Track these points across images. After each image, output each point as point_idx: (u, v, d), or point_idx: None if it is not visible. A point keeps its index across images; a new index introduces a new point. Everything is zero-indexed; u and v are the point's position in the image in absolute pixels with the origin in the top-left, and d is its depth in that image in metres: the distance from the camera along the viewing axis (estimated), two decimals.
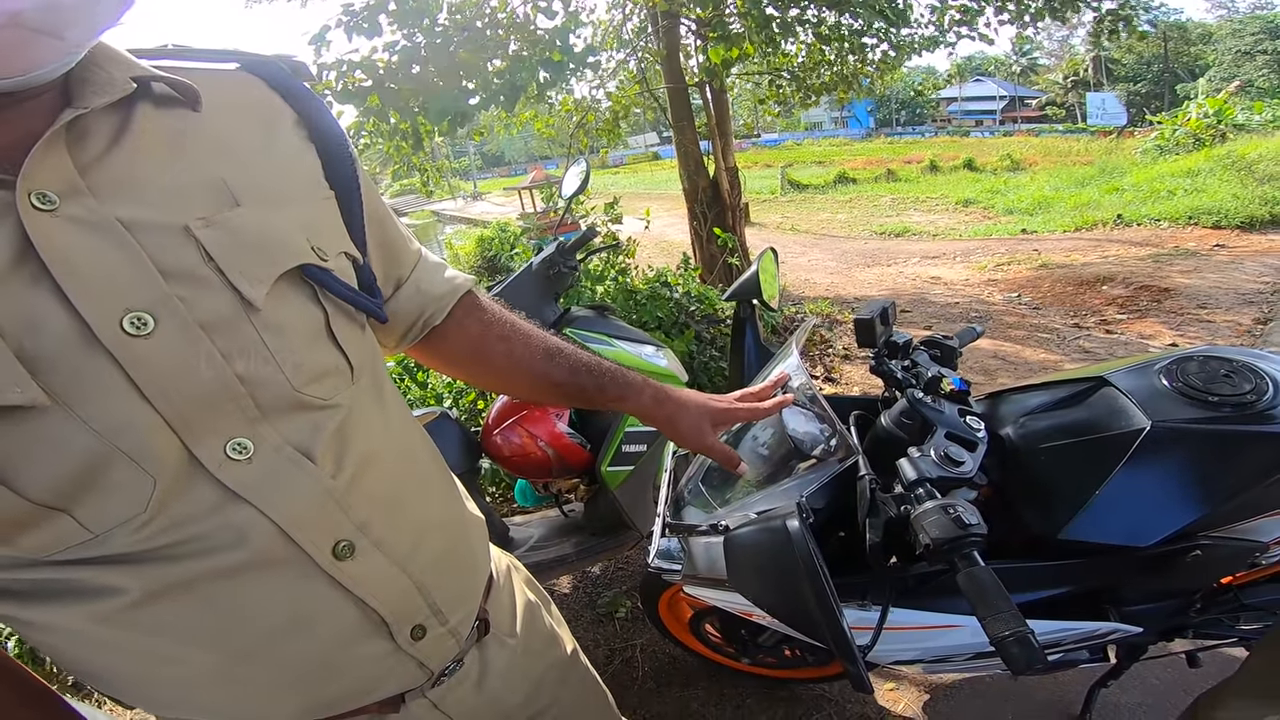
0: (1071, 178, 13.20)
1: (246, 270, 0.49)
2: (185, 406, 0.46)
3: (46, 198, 0.42)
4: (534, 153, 44.64)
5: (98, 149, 0.46)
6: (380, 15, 3.69)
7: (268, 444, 0.50)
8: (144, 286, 0.45)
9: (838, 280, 7.00)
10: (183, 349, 0.46)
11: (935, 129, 41.48)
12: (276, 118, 0.59)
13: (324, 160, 0.60)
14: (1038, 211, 10.31)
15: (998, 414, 1.13)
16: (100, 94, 0.46)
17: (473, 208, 24.45)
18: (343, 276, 0.57)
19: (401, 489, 0.62)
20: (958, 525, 0.71)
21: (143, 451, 0.44)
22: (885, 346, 1.10)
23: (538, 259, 1.87)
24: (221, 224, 0.49)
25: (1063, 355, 3.96)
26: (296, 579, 0.52)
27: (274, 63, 0.61)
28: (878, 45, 6.23)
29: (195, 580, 0.48)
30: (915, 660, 1.13)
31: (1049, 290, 5.44)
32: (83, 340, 0.42)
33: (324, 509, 0.53)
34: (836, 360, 4.05)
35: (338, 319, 0.56)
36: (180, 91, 0.52)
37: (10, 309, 0.41)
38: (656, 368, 1.85)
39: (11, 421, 0.41)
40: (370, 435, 0.58)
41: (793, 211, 14.11)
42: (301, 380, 0.52)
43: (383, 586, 0.57)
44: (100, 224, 0.44)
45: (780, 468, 0.99)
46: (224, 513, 0.48)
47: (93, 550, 0.46)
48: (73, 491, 0.43)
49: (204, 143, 0.52)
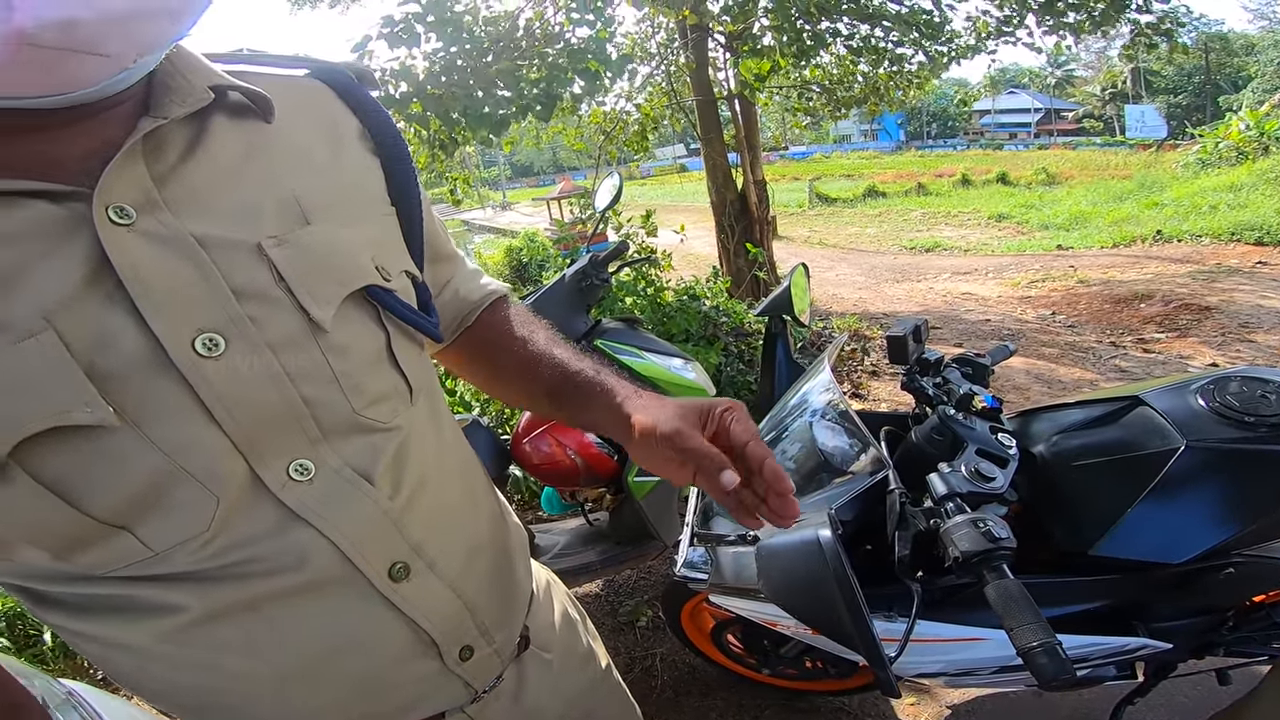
0: (1109, 192, 12.96)
1: (315, 291, 0.49)
2: (251, 428, 0.46)
3: (123, 211, 0.42)
4: (562, 163, 45.16)
5: (172, 160, 0.46)
6: (418, 26, 3.79)
7: (328, 465, 0.50)
8: (217, 307, 0.44)
9: (866, 295, 6.94)
10: (252, 371, 0.45)
11: (968, 142, 40.97)
12: (343, 129, 0.58)
13: (387, 174, 0.60)
14: (1074, 227, 10.13)
15: (1030, 431, 1.13)
16: (179, 104, 0.46)
17: (501, 217, 24.78)
18: (404, 296, 0.57)
19: (454, 509, 0.62)
20: (988, 539, 0.73)
21: (208, 472, 0.44)
22: (917, 364, 1.11)
23: (570, 271, 1.90)
24: (292, 243, 0.48)
25: (1098, 374, 3.88)
26: (353, 600, 0.52)
27: (341, 70, 0.61)
28: (912, 57, 6.19)
29: (256, 600, 0.48)
30: (939, 673, 1.13)
31: (1085, 308, 5.33)
32: (154, 360, 0.42)
33: (382, 531, 0.53)
34: (864, 376, 4.02)
35: (399, 340, 0.56)
36: (254, 101, 0.51)
37: (83, 326, 0.40)
38: (684, 380, 1.87)
39: (79, 440, 0.40)
40: (426, 456, 0.58)
41: (821, 225, 14.05)
42: (362, 403, 0.52)
43: (435, 608, 0.57)
44: (175, 240, 0.43)
45: (810, 480, 1.01)
46: (286, 534, 0.48)
47: (154, 568, 0.45)
48: (136, 510, 0.43)
49: (275, 156, 0.51)
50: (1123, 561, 0.94)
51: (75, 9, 0.34)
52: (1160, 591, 1.00)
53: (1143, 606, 1.03)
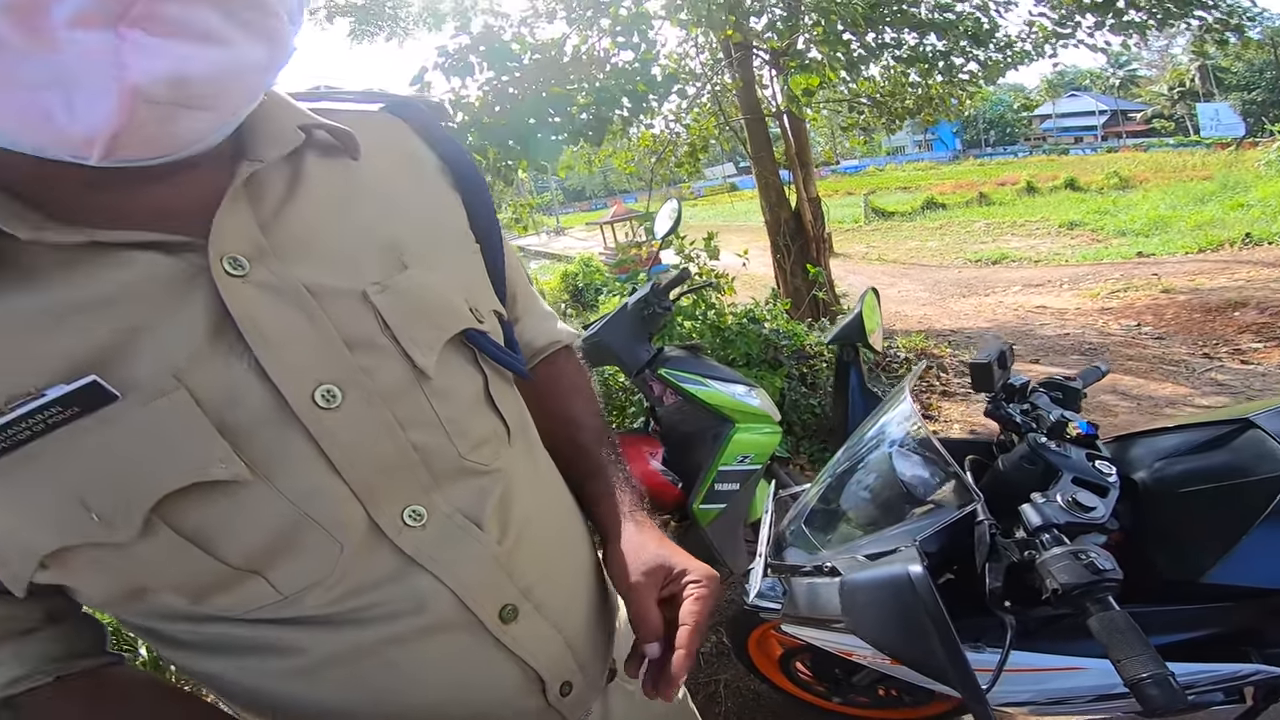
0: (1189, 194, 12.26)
1: (417, 338, 0.49)
2: (369, 476, 0.46)
3: (237, 262, 0.42)
4: (613, 186, 45.86)
5: (273, 204, 0.46)
6: (471, 56, 3.92)
7: (440, 511, 0.51)
8: (332, 358, 0.45)
9: (931, 312, 6.73)
10: (367, 420, 0.46)
11: (1029, 148, 39.49)
12: (424, 165, 0.58)
13: (468, 209, 0.60)
14: (1154, 232, 9.61)
15: (1129, 457, 1.07)
16: (274, 146, 0.46)
17: (556, 243, 25.29)
18: (495, 336, 0.57)
19: (555, 547, 0.63)
20: (1091, 570, 0.71)
21: (332, 519, 0.45)
22: (1003, 390, 1.07)
23: (632, 299, 1.93)
24: (393, 289, 0.49)
25: (1193, 388, 3.63)
26: (467, 642, 0.53)
27: (415, 104, 0.61)
28: (965, 64, 6.03)
29: (377, 643, 0.49)
30: (1029, 702, 1.09)
31: (1173, 318, 5.02)
32: (279, 413, 0.43)
33: (492, 575, 0.54)
34: (935, 397, 3.88)
35: (495, 381, 0.56)
36: (340, 139, 0.51)
37: (212, 382, 0.41)
38: (750, 407, 1.85)
39: (215, 493, 0.41)
40: (527, 496, 0.59)
41: (878, 240, 13.77)
42: (467, 447, 0.52)
43: (542, 647, 0.58)
44: (288, 290, 0.44)
45: (890, 512, 0.98)
46: (404, 579, 0.49)
47: (282, 611, 0.47)
48: (267, 556, 0.44)
49: (367, 196, 0.52)
50: (1237, 589, 0.90)
51: (186, 65, 0.35)
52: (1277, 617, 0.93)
53: (1256, 632, 0.97)
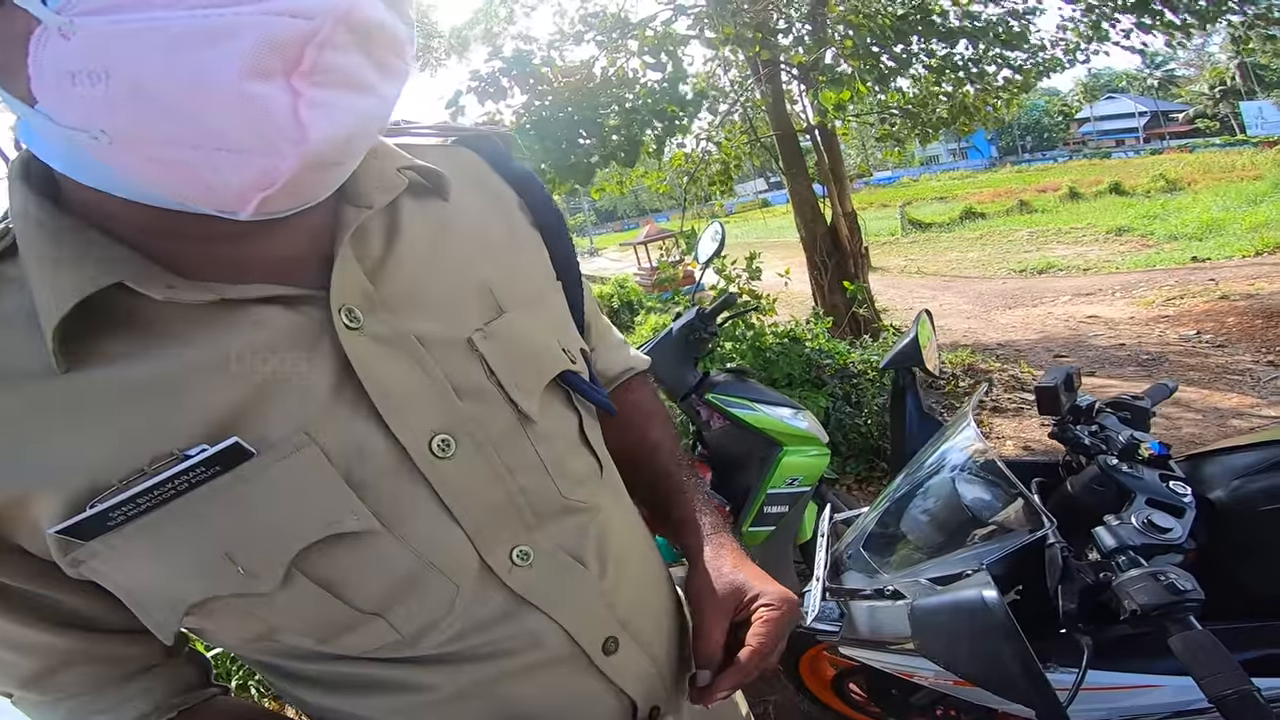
0: (1241, 195, 11.80)
1: (520, 383, 0.50)
2: (480, 520, 0.48)
3: (353, 315, 0.43)
4: (644, 206, 46.17)
5: (377, 252, 0.47)
6: (504, 80, 4.00)
7: (543, 550, 0.52)
8: (445, 408, 0.46)
9: (976, 325, 6.57)
10: (479, 468, 0.47)
11: (1069, 153, 38.54)
12: (506, 203, 0.58)
13: (549, 245, 0.60)
14: (1207, 235, 9.26)
15: (1203, 476, 1.05)
16: (379, 190, 0.46)
17: (590, 264, 25.54)
18: (584, 375, 0.57)
19: (646, 579, 0.64)
20: (1171, 591, 0.71)
21: (449, 564, 0.47)
22: (1069, 412, 1.07)
23: (678, 325, 1.95)
24: (494, 335, 0.50)
25: (1259, 398, 3.47)
26: (574, 674, 0.55)
27: (489, 137, 0.60)
28: (998, 72, 5.93)
29: (493, 680, 0.51)
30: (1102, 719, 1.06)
31: (1234, 325, 4.81)
32: (400, 464, 0.44)
33: (597, 609, 0.55)
34: (986, 413, 3.79)
35: (588, 420, 0.57)
36: (429, 180, 0.51)
37: (339, 437, 0.42)
38: (797, 430, 1.85)
39: (346, 544, 0.43)
40: (620, 530, 0.60)
41: (917, 253, 13.56)
42: (567, 486, 0.53)
43: (638, 676, 0.59)
44: (401, 342, 0.45)
45: (953, 537, 0.98)
46: (516, 617, 0.50)
47: (402, 651, 0.48)
48: (389, 600, 0.45)
49: (460, 238, 0.52)
50: None
51: (350, 121, 0.35)
52: None
53: None
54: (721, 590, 0.63)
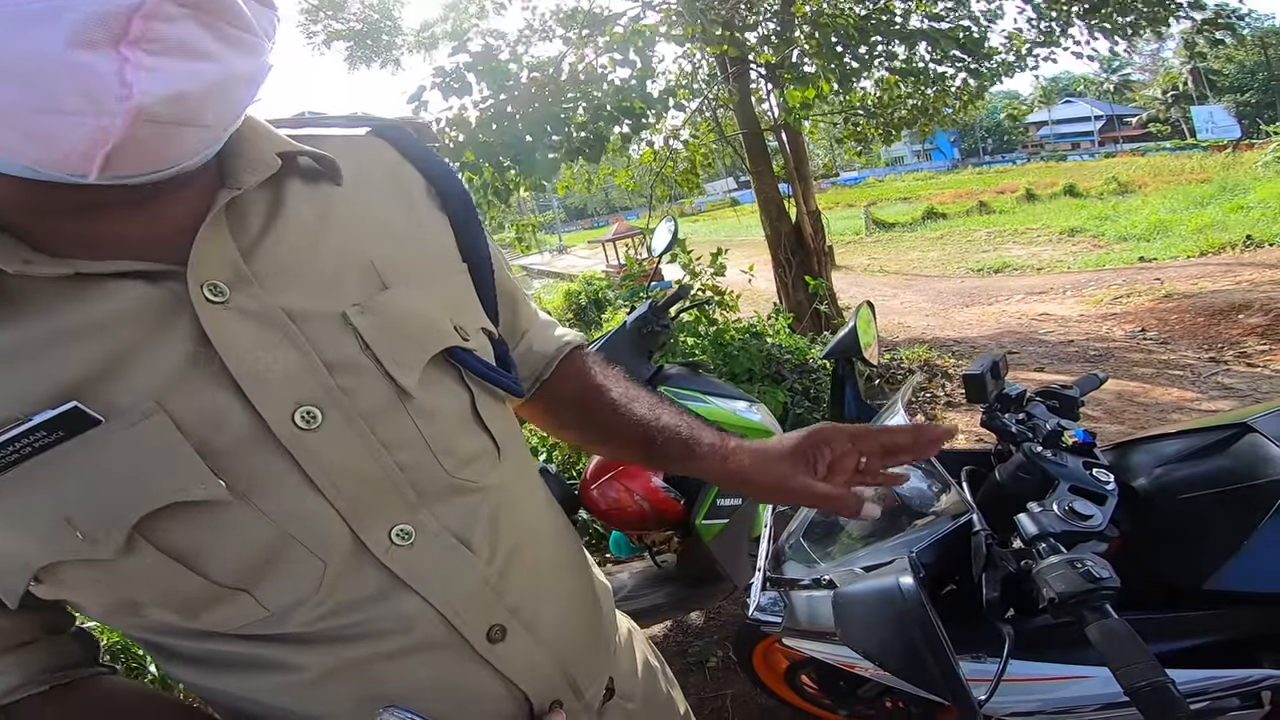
0: (1188, 198, 12.28)
1: (399, 357, 0.50)
2: (353, 495, 0.47)
3: (217, 289, 0.43)
4: (614, 204, 46.11)
5: (255, 231, 0.47)
6: (469, 75, 3.96)
7: (428, 530, 0.51)
8: (312, 380, 0.46)
9: (934, 322, 6.72)
10: (349, 441, 0.47)
11: (1027, 155, 39.65)
12: (411, 187, 0.59)
13: (455, 229, 0.61)
14: (1155, 236, 9.62)
15: (1128, 464, 1.07)
16: (252, 172, 0.47)
17: (559, 261, 25.39)
18: (482, 354, 0.57)
19: (547, 567, 0.63)
20: (1087, 579, 0.71)
21: (314, 538, 0.46)
22: (997, 400, 1.07)
23: (632, 318, 1.94)
24: (374, 309, 0.49)
25: (1199, 393, 3.60)
26: (453, 661, 0.54)
27: (402, 127, 0.61)
28: (955, 75, 6.09)
29: (367, 660, 0.50)
30: (1036, 712, 1.08)
31: (1177, 322, 5.00)
32: (259, 435, 0.44)
33: (481, 596, 0.54)
34: (939, 408, 3.87)
35: (482, 399, 0.56)
36: (322, 165, 0.52)
37: (192, 406, 0.42)
38: (750, 423, 1.86)
39: (197, 513, 0.43)
40: (519, 515, 0.59)
41: (880, 252, 13.81)
42: (454, 465, 0.53)
43: (530, 667, 0.58)
44: (268, 315, 0.45)
45: (889, 525, 0.98)
46: (391, 598, 0.50)
47: (272, 628, 0.48)
48: (253, 574, 0.45)
49: (349, 220, 0.52)
50: (1240, 595, 0.89)
51: (183, 82, 0.36)
52: None
53: (1266, 637, 0.95)
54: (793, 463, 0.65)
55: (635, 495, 1.87)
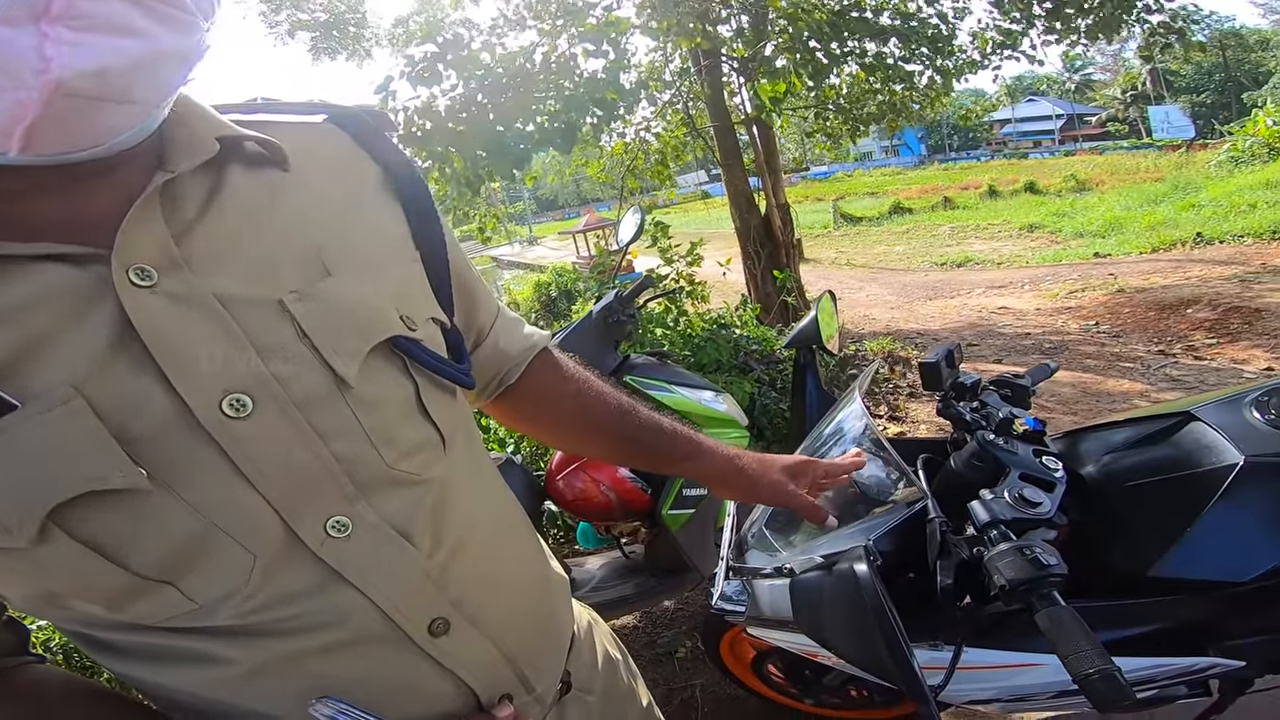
0: (1143, 196, 12.68)
1: (339, 345, 0.48)
2: (285, 486, 0.46)
3: (145, 273, 0.42)
4: (585, 195, 45.83)
5: (190, 215, 0.46)
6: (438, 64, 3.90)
7: (366, 522, 0.50)
8: (242, 367, 0.44)
9: (899, 315, 6.85)
10: (281, 430, 0.46)
11: (991, 152, 40.55)
12: (363, 175, 0.58)
13: (409, 218, 0.60)
14: (1110, 233, 9.92)
15: (1076, 452, 1.09)
16: (187, 156, 0.46)
17: (529, 252, 25.18)
18: (431, 345, 0.56)
19: (495, 560, 0.62)
20: (1035, 566, 0.71)
21: (242, 529, 0.45)
22: (952, 389, 1.09)
23: (597, 308, 1.93)
24: (313, 296, 0.48)
25: (1148, 385, 3.74)
26: (393, 655, 0.53)
27: (359, 115, 0.60)
28: (923, 72, 6.21)
29: (301, 654, 0.49)
30: (993, 699, 1.10)
31: (1129, 316, 5.17)
32: (183, 423, 0.43)
33: (421, 589, 0.53)
34: (901, 399, 3.94)
35: (428, 391, 0.55)
36: (268, 150, 0.51)
37: (111, 392, 0.41)
38: (716, 413, 1.86)
39: (115, 502, 0.41)
40: (465, 508, 0.58)
41: (847, 245, 14.00)
42: (395, 456, 0.51)
43: (475, 661, 0.57)
44: (198, 300, 0.44)
45: (846, 512, 0.99)
46: (326, 592, 0.49)
47: (201, 620, 0.46)
48: (177, 566, 0.44)
49: (294, 206, 0.51)
50: (1185, 582, 0.90)
51: (106, 58, 0.36)
52: (1228, 610, 0.95)
53: (1210, 625, 0.98)
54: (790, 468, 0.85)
55: (601, 486, 1.87)
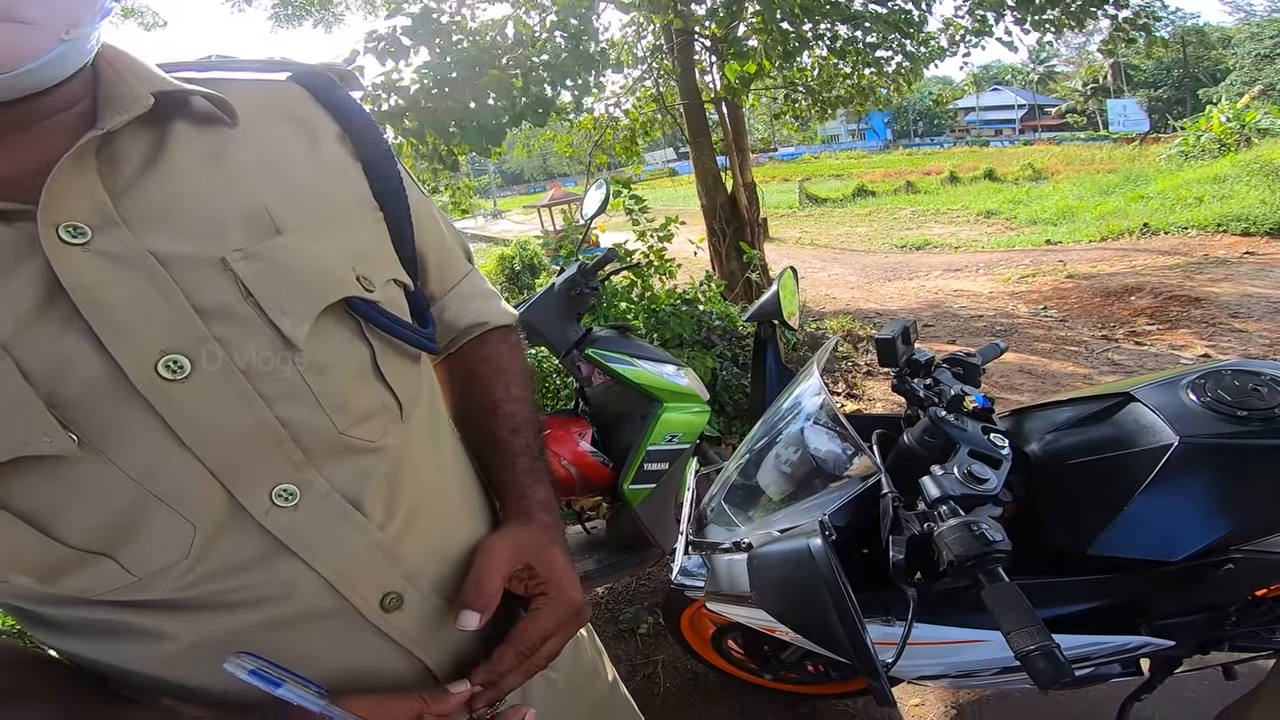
0: (1095, 186, 13.05)
1: (287, 306, 0.46)
2: (227, 452, 0.44)
3: (78, 230, 0.40)
4: (552, 170, 45.08)
5: (129, 173, 0.44)
6: (405, 39, 3.77)
7: (315, 490, 0.48)
8: (180, 327, 0.42)
9: (859, 295, 6.96)
10: (222, 393, 0.43)
11: (954, 139, 41.22)
12: (320, 132, 0.55)
13: (370, 177, 0.57)
14: (1062, 221, 10.20)
15: (1023, 431, 1.12)
16: (120, 111, 0.43)
17: (493, 226, 24.68)
18: (391, 307, 0.54)
19: (453, 533, 0.60)
20: (981, 542, 0.72)
21: (181, 498, 0.43)
22: (907, 365, 1.10)
23: (560, 280, 1.90)
24: (260, 255, 0.46)
25: (1091, 368, 3.89)
26: (342, 630, 0.51)
27: (320, 73, 0.58)
28: (892, 57, 6.24)
29: (245, 629, 0.47)
30: (941, 675, 1.13)
31: (1076, 302, 5.36)
32: (116, 385, 0.40)
33: (372, 562, 0.51)
34: (859, 376, 4.02)
35: (385, 355, 0.53)
36: (217, 106, 0.49)
37: (39, 353, 0.39)
38: (678, 386, 1.86)
39: (44, 470, 0.39)
40: (422, 477, 0.56)
41: (812, 226, 14.11)
42: (346, 422, 0.49)
43: (430, 638, 0.55)
44: (133, 258, 0.41)
45: (803, 486, 1.00)
46: (271, 564, 0.47)
47: (140, 594, 0.44)
48: (113, 537, 0.42)
49: (242, 163, 0.49)
50: (1121, 560, 0.93)
51: None
52: (1161, 589, 0.99)
53: (1144, 604, 1.03)
54: (514, 545, 0.60)
55: (562, 460, 1.86)
